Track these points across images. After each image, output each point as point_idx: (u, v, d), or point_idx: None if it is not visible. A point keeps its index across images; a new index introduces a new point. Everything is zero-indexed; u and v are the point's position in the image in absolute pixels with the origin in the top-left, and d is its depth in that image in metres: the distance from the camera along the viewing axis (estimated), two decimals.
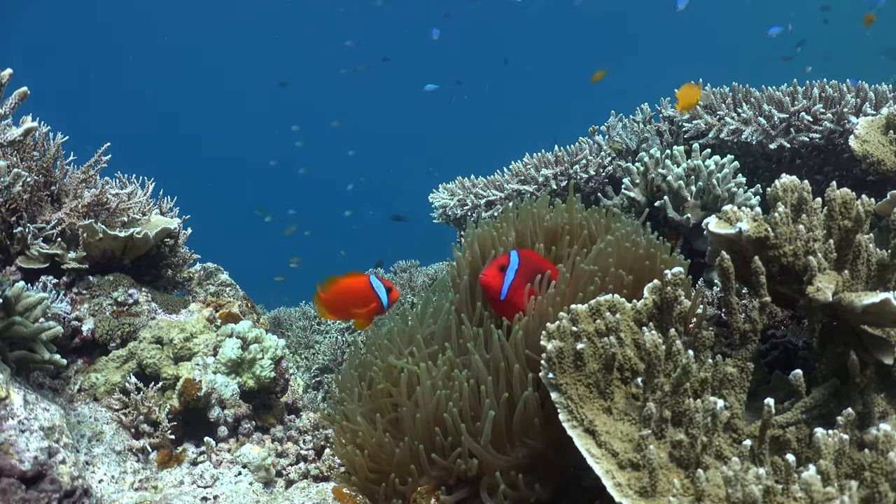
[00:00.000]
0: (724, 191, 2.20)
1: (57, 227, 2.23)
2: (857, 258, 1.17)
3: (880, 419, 1.13)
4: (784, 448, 1.12)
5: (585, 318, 1.21)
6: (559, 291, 1.41)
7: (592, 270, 1.44)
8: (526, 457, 1.33)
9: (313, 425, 2.23)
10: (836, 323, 1.22)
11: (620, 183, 2.59)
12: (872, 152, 1.90)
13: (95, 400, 2.07)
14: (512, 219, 1.74)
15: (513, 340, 1.36)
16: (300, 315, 4.44)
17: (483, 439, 1.30)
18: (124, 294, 2.28)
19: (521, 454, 1.33)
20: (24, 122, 1.54)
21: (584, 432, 1.09)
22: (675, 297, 1.22)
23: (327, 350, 3.82)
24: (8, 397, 1.47)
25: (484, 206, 3.10)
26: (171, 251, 2.62)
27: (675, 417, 1.08)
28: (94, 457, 1.88)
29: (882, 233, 1.49)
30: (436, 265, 4.67)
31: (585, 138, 3.03)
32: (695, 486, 0.97)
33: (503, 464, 1.30)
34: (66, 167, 2.33)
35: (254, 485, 2.03)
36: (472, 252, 1.68)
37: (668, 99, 2.95)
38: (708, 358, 1.19)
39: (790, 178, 1.29)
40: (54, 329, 1.78)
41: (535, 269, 1.46)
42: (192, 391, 2.11)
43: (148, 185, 2.63)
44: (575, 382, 1.14)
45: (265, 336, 2.34)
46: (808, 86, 2.58)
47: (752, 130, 2.57)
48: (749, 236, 1.22)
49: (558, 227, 1.71)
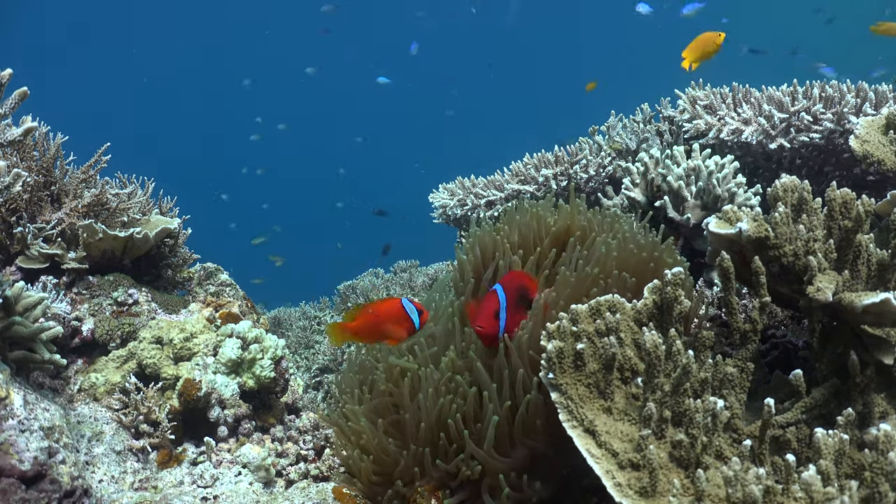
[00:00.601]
0: (725, 191, 2.20)
1: (57, 227, 2.23)
2: (857, 258, 1.17)
3: (880, 419, 1.13)
4: (784, 448, 1.12)
5: (585, 318, 1.21)
6: (563, 295, 1.41)
7: (595, 274, 1.44)
8: (526, 457, 1.33)
9: (313, 425, 2.23)
10: (836, 323, 1.22)
11: (620, 183, 2.59)
12: (872, 152, 1.89)
13: (95, 400, 2.07)
14: (515, 220, 1.73)
15: (517, 343, 1.36)
16: (300, 315, 4.44)
17: (486, 443, 1.30)
18: (124, 294, 2.28)
19: (521, 454, 1.33)
20: (24, 122, 1.54)
21: (585, 432, 1.09)
22: (675, 297, 1.22)
23: (327, 350, 3.82)
24: (8, 397, 1.47)
25: (484, 206, 3.10)
26: (171, 251, 2.62)
27: (675, 417, 1.08)
28: (94, 457, 1.88)
29: (882, 233, 1.49)
30: (436, 265, 4.67)
31: (585, 138, 3.03)
32: (695, 486, 0.97)
33: (505, 466, 1.30)
34: (66, 167, 2.33)
35: (254, 485, 2.03)
36: (474, 254, 1.68)
37: (668, 99, 2.95)
38: (708, 358, 1.19)
39: (790, 178, 1.29)
40: (54, 329, 1.78)
41: (520, 290, 1.46)
42: (192, 391, 2.11)
43: (148, 185, 2.63)
44: (575, 382, 1.14)
45: (265, 336, 2.34)
46: (808, 86, 2.58)
47: (752, 130, 2.57)
48: (749, 236, 1.22)
49: (561, 229, 1.70)
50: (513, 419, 1.32)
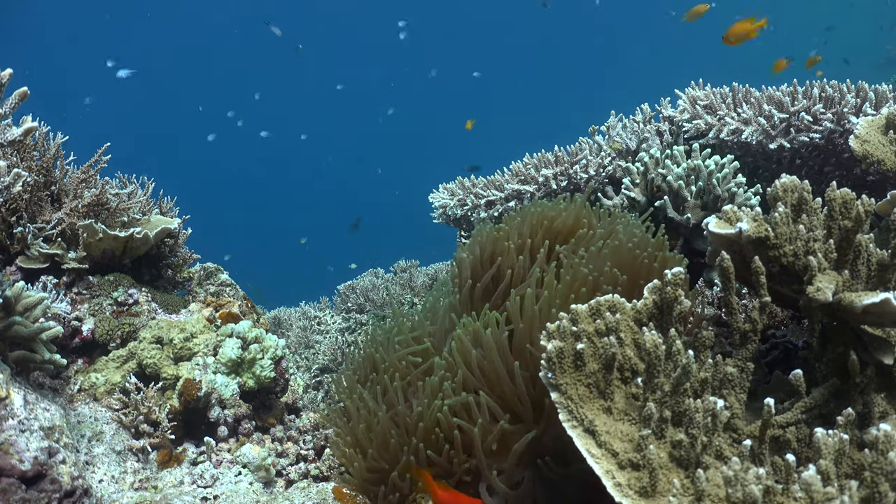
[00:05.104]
0: (724, 191, 2.20)
1: (57, 227, 2.23)
2: (857, 258, 1.17)
3: (880, 419, 1.13)
4: (784, 448, 1.12)
5: (585, 318, 1.21)
6: (558, 293, 1.41)
7: (586, 272, 1.44)
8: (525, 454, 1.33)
9: (313, 425, 2.23)
10: (836, 323, 1.22)
11: (620, 183, 2.59)
12: (872, 152, 1.89)
13: (95, 400, 2.07)
14: (516, 220, 1.74)
15: (516, 341, 1.36)
16: (300, 315, 4.44)
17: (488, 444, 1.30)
18: (124, 294, 2.28)
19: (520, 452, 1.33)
20: (24, 122, 1.54)
21: (584, 432, 1.09)
22: (675, 297, 1.22)
23: (327, 350, 3.82)
24: (8, 397, 1.47)
25: (484, 206, 3.10)
26: (171, 251, 2.62)
27: (675, 417, 1.08)
28: (94, 457, 1.88)
29: (882, 233, 1.49)
30: (436, 265, 4.67)
31: (585, 138, 3.03)
32: (695, 486, 0.97)
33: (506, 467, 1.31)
34: (66, 167, 2.33)
35: (254, 485, 2.03)
36: (473, 253, 1.69)
37: (668, 99, 2.95)
38: (708, 358, 1.19)
39: (790, 178, 1.29)
40: (54, 329, 1.78)
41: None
42: (192, 391, 2.11)
43: (148, 185, 2.63)
44: (575, 382, 1.14)
45: (265, 336, 2.34)
46: (808, 86, 2.58)
47: (752, 130, 2.57)
48: (749, 236, 1.22)
49: (564, 228, 1.71)
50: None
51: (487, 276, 1.62)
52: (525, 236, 1.70)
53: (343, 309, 4.43)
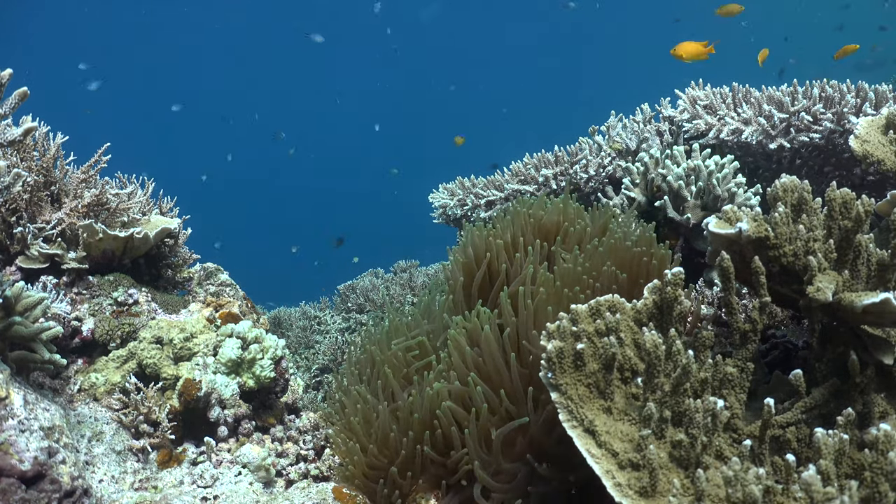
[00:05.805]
0: (724, 191, 2.20)
1: (57, 227, 2.23)
2: (857, 258, 1.17)
3: (880, 419, 1.13)
4: (784, 448, 1.12)
5: (585, 318, 1.21)
6: (551, 291, 1.41)
7: (580, 271, 1.44)
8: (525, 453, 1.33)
9: (313, 425, 2.23)
10: (836, 323, 1.22)
11: (620, 183, 2.59)
12: (872, 152, 1.89)
13: (95, 400, 2.07)
14: (506, 220, 1.74)
15: (512, 338, 1.36)
16: (300, 315, 4.44)
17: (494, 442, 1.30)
18: (124, 294, 2.28)
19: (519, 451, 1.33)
20: (24, 122, 1.54)
21: (584, 432, 1.09)
22: (675, 297, 1.22)
23: (327, 350, 3.82)
24: (8, 397, 1.47)
25: (484, 206, 3.10)
26: (171, 251, 2.62)
27: (675, 417, 1.08)
28: (94, 457, 1.88)
29: (882, 233, 1.49)
30: (435, 265, 4.68)
31: (585, 138, 3.03)
32: (695, 486, 0.97)
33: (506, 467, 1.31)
34: (66, 167, 2.33)
35: (254, 485, 2.03)
36: (466, 254, 1.69)
37: (668, 99, 2.95)
38: (708, 358, 1.19)
39: (790, 178, 1.29)
40: (54, 329, 1.78)
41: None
42: (192, 391, 2.11)
43: (148, 185, 2.63)
44: (575, 382, 1.14)
45: (265, 336, 2.34)
46: (808, 86, 2.58)
47: (752, 130, 2.57)
48: (749, 236, 1.21)
49: (552, 225, 1.71)
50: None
51: (479, 276, 1.62)
52: (516, 235, 1.70)
53: (343, 309, 4.43)
